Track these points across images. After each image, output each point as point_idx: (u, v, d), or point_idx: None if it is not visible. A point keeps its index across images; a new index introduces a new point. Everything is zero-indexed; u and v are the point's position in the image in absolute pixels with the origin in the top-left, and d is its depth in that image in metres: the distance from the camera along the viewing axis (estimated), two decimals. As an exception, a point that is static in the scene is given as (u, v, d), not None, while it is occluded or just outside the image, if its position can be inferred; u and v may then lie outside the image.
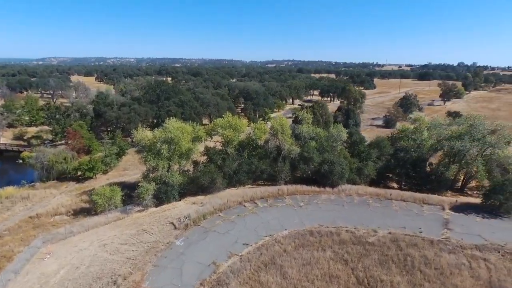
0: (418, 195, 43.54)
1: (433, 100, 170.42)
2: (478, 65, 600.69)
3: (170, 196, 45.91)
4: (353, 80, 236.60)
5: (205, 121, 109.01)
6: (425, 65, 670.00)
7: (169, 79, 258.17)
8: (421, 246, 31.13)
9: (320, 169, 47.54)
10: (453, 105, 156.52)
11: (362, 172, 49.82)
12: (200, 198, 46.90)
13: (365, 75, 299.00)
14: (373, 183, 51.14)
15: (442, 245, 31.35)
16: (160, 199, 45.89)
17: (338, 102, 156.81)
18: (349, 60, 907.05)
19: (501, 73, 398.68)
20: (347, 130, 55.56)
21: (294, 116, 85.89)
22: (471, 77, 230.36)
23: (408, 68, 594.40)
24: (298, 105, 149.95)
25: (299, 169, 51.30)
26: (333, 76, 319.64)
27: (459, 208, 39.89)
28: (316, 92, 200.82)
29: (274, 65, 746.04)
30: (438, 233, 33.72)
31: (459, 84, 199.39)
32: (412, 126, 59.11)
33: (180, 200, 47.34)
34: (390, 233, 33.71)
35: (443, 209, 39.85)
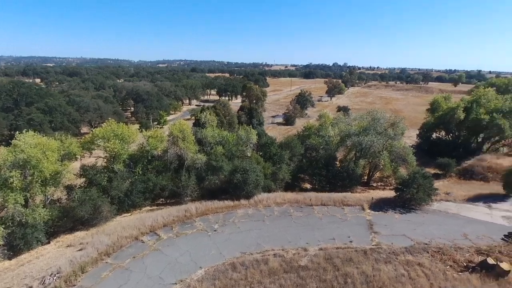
0: (336, 196, 41.21)
1: (321, 96, 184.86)
2: (348, 65, 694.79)
3: (31, 241, 32.59)
4: (248, 79, 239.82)
5: (85, 129, 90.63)
6: (307, 65, 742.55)
7: (38, 80, 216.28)
8: (356, 260, 27.49)
9: (232, 179, 41.05)
10: (338, 100, 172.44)
11: (277, 177, 45.50)
12: (79, 235, 34.96)
13: (258, 74, 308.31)
14: (288, 187, 47.43)
15: (376, 254, 28.41)
16: (15, 247, 32.14)
17: (237, 101, 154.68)
18: (240, 60, 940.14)
19: (366, 72, 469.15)
20: (256, 131, 50.54)
21: (193, 118, 77.76)
22: (348, 75, 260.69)
23: (293, 68, 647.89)
24: (196, 105, 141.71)
25: (207, 180, 43.74)
26: (227, 75, 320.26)
27: (377, 206, 38.79)
28: (213, 92, 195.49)
29: (166, 64, 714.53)
30: (367, 240, 30.99)
31: (339, 81, 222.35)
32: (317, 123, 58.06)
33: (49, 242, 34.45)
34: (321, 249, 29.36)
35: (363, 209, 38.12)
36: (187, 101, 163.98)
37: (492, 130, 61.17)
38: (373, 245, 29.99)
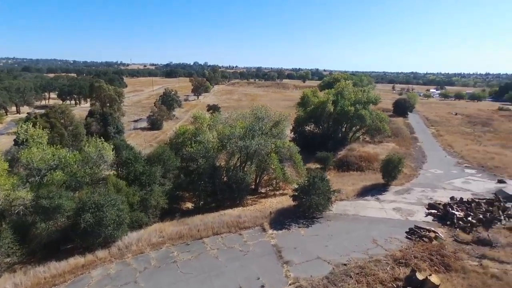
0: (229, 218, 32.99)
1: (188, 95, 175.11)
2: (209, 64, 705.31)
3: None
4: (100, 78, 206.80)
5: None
6: (168, 64, 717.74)
7: None
8: (278, 317, 19.80)
9: (78, 222, 27.31)
10: (206, 99, 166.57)
11: (149, 204, 33.82)
12: None
13: (113, 73, 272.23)
14: (165, 213, 36.32)
15: (298, 299, 21.45)
16: None
17: (87, 104, 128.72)
18: (90, 59, 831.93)
19: (227, 71, 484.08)
20: (112, 145, 37.08)
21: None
22: (212, 73, 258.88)
23: (154, 67, 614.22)
24: (27, 113, 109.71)
25: (37, 229, 28.40)
26: (74, 75, 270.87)
27: (277, 222, 32.52)
28: (54, 95, 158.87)
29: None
30: (281, 277, 23.80)
31: (204, 79, 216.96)
32: (192, 127, 48.49)
33: None
34: (228, 312, 20.39)
35: (264, 229, 31.16)
36: (15, 108, 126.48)
37: (355, 120, 65.38)
38: (290, 285, 22.96)
